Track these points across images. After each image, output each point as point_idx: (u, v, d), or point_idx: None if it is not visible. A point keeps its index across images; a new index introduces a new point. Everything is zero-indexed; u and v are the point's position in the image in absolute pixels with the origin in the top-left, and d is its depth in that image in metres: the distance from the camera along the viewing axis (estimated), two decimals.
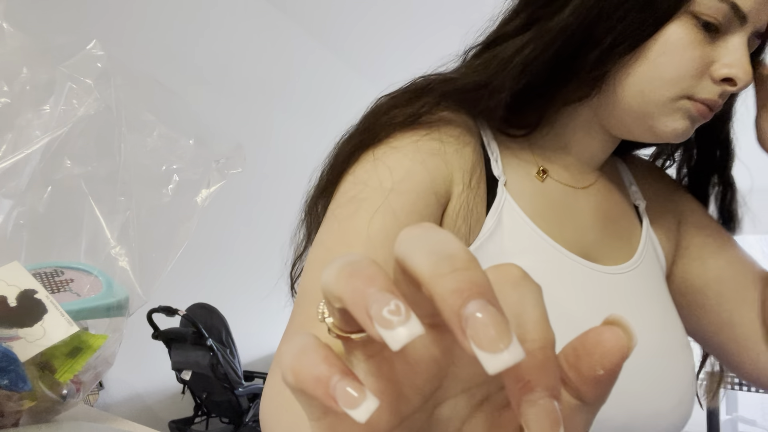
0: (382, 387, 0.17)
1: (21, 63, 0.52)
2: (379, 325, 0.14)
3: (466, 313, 0.14)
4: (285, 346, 0.17)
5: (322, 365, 0.15)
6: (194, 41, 2.74)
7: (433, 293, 0.15)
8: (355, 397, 0.14)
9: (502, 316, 0.14)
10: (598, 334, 0.16)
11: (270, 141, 3.14)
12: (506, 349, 0.13)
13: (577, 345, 0.16)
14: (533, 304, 0.16)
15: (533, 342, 0.15)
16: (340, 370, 0.15)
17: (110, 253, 0.54)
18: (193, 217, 0.57)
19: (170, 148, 0.57)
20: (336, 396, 0.15)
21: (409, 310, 0.14)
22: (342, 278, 0.15)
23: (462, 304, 0.14)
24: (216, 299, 2.53)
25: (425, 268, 0.15)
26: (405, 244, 0.16)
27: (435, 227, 0.16)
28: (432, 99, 0.50)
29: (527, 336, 0.15)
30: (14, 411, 0.43)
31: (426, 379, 0.18)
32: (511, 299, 0.16)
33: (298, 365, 0.15)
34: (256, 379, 2.62)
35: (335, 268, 0.16)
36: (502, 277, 0.17)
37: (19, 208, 0.52)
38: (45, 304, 0.47)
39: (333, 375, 0.15)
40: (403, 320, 0.14)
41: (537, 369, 0.15)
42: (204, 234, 2.52)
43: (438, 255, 0.15)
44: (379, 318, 0.14)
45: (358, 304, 0.15)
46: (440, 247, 0.15)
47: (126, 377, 2.38)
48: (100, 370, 0.52)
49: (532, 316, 0.16)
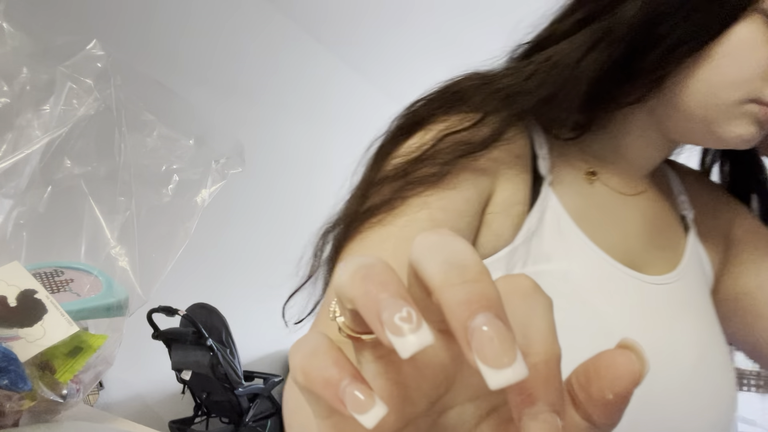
0: (389, 388, 0.17)
1: (21, 63, 0.52)
2: (389, 331, 0.14)
3: (472, 325, 0.14)
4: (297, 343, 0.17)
5: (333, 368, 0.15)
6: (194, 41, 2.73)
7: (441, 302, 0.14)
8: (364, 403, 0.14)
9: (508, 332, 0.14)
10: (610, 358, 0.16)
11: (270, 141, 3.14)
12: (510, 365, 0.13)
13: (589, 367, 0.16)
14: (541, 317, 0.16)
15: (537, 355, 0.15)
16: (350, 374, 0.15)
17: (110, 253, 0.54)
18: (193, 217, 0.57)
19: (170, 148, 0.57)
20: (345, 400, 0.15)
21: (420, 318, 0.14)
22: (356, 281, 0.15)
23: (469, 316, 0.14)
24: (216, 299, 2.53)
25: (436, 277, 0.15)
26: (419, 250, 0.16)
27: (451, 235, 0.16)
28: (497, 124, 0.45)
29: (532, 349, 0.15)
30: (14, 411, 0.43)
31: (433, 384, 0.18)
32: (519, 310, 0.16)
33: (309, 366, 0.15)
34: (256, 379, 2.62)
35: (350, 269, 0.16)
36: (512, 287, 0.16)
37: (19, 208, 0.52)
38: (45, 304, 0.47)
39: (343, 378, 0.15)
40: (414, 328, 0.14)
41: (540, 383, 0.15)
42: (204, 234, 2.51)
43: (450, 264, 0.15)
44: (390, 324, 0.14)
45: (370, 309, 0.15)
46: (453, 257, 0.15)
47: (126, 377, 2.38)
48: (100, 370, 0.52)
49: (538, 329, 0.16)
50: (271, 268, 3.13)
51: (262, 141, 3.08)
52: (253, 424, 2.44)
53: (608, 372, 0.16)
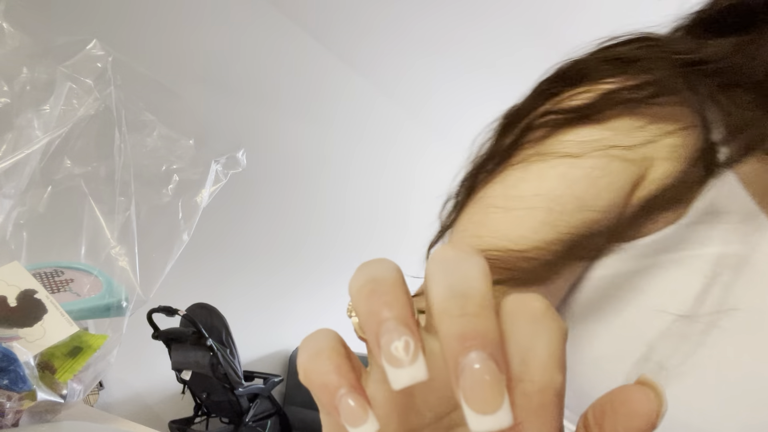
0: (395, 395, 0.17)
1: (21, 63, 0.52)
2: (384, 359, 0.14)
3: (463, 362, 0.13)
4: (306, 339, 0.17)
5: (333, 374, 0.15)
6: (194, 41, 2.73)
7: (438, 331, 0.14)
8: (357, 416, 0.14)
9: (499, 376, 0.13)
10: (625, 393, 0.15)
11: (270, 141, 3.14)
12: (493, 413, 0.13)
13: (606, 401, 0.15)
14: (546, 344, 0.15)
15: (532, 383, 0.14)
16: (349, 383, 0.15)
17: (110, 253, 0.54)
18: (193, 217, 0.57)
19: (170, 148, 0.57)
20: (339, 408, 0.14)
21: (418, 350, 0.14)
22: (362, 295, 0.15)
23: (461, 352, 0.13)
24: (216, 299, 2.53)
25: (437, 303, 0.14)
26: (431, 266, 0.15)
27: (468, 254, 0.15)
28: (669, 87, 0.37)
29: (527, 376, 0.14)
30: (14, 411, 0.43)
31: (440, 398, 0.17)
32: (523, 333, 0.15)
33: (310, 367, 0.15)
34: (256, 379, 2.62)
35: (360, 280, 0.16)
36: (520, 308, 0.15)
37: (19, 208, 0.52)
38: (45, 304, 0.47)
39: (341, 387, 0.15)
40: (409, 361, 0.14)
41: (532, 413, 0.14)
42: (204, 234, 2.52)
43: (453, 292, 0.14)
44: (387, 353, 0.14)
45: (371, 329, 0.15)
46: (459, 283, 0.14)
47: (126, 377, 2.38)
48: (100, 370, 0.52)
49: (539, 355, 0.15)
50: (272, 267, 3.14)
51: (262, 141, 3.08)
52: (253, 424, 2.44)
53: (623, 408, 0.15)
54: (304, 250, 3.29)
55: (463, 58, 3.54)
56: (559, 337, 0.15)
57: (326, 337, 0.16)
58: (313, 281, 3.34)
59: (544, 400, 0.14)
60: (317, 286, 3.36)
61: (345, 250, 3.58)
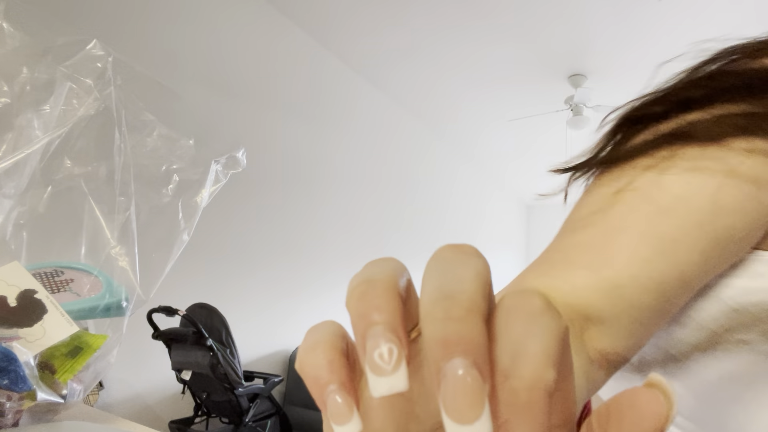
0: (394, 398, 0.17)
1: (21, 63, 0.52)
2: (367, 365, 0.14)
3: (445, 368, 0.13)
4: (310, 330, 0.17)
5: (324, 369, 0.15)
6: (194, 41, 2.73)
7: (423, 332, 0.14)
8: (342, 414, 0.14)
9: (481, 385, 0.13)
10: (633, 396, 0.14)
11: (270, 141, 3.14)
12: (471, 422, 0.12)
13: (611, 405, 0.14)
14: (538, 341, 0.14)
15: (520, 380, 0.13)
16: (339, 380, 0.15)
17: (110, 253, 0.54)
18: (193, 217, 0.57)
19: (170, 148, 0.57)
20: (326, 404, 0.14)
21: (401, 359, 0.14)
22: (354, 297, 0.15)
23: (444, 357, 0.13)
24: (216, 299, 2.53)
25: (423, 304, 0.14)
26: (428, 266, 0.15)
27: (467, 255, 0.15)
28: None
29: (515, 372, 0.14)
30: (14, 411, 0.43)
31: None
32: (516, 330, 0.14)
33: (305, 358, 0.15)
34: (256, 379, 2.62)
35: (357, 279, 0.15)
36: (517, 305, 0.15)
37: (19, 208, 0.52)
38: (45, 304, 0.47)
39: (331, 383, 0.15)
40: (390, 370, 0.13)
41: (517, 410, 0.13)
42: (204, 234, 2.52)
43: (440, 293, 0.14)
44: (370, 359, 0.14)
45: (358, 332, 0.14)
46: (449, 285, 0.14)
47: (126, 377, 2.38)
48: (100, 370, 0.52)
49: (529, 352, 0.14)
50: (272, 267, 3.14)
51: (262, 141, 3.08)
52: (253, 424, 2.44)
53: (629, 411, 0.14)
54: (304, 250, 3.29)
55: (462, 58, 3.54)
56: (556, 334, 0.14)
57: (326, 331, 0.16)
58: (313, 281, 3.34)
59: (532, 397, 0.13)
60: (317, 286, 3.37)
61: (345, 250, 3.59)
